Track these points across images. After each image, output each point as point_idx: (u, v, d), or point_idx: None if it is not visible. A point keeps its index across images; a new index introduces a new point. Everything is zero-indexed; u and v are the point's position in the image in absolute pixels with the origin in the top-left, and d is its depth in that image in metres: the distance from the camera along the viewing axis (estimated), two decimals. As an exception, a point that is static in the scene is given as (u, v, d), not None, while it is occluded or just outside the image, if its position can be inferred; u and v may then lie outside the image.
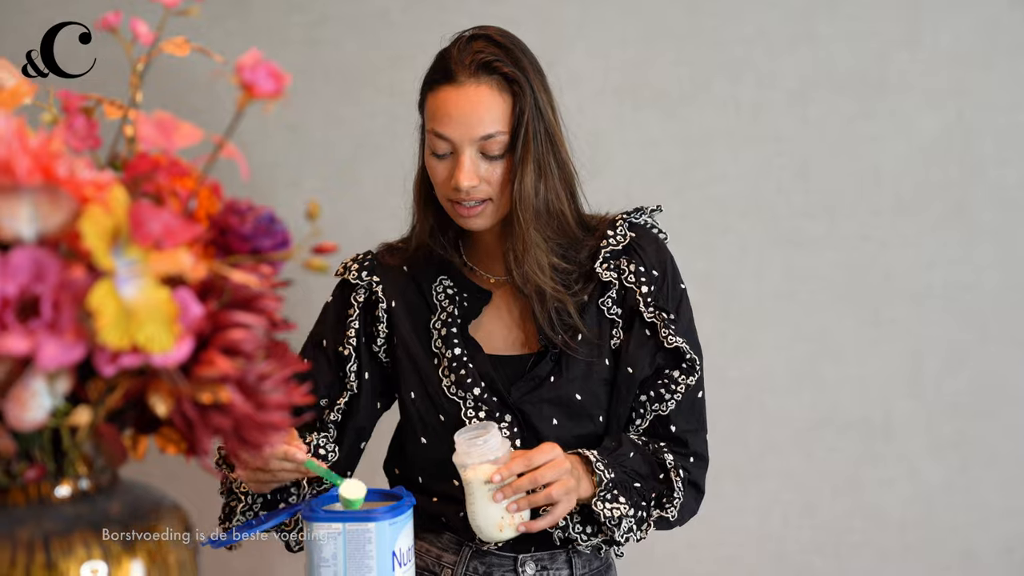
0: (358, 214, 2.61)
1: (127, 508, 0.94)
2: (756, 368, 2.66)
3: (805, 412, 2.66)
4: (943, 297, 2.62)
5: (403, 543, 1.54)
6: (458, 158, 1.79)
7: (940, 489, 2.65)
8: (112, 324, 0.84)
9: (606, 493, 1.75)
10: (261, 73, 0.89)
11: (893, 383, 2.64)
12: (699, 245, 2.65)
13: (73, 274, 0.84)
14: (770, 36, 2.62)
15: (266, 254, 0.97)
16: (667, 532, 2.63)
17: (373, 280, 1.94)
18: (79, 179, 0.88)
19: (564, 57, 2.65)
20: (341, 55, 2.69)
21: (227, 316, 0.93)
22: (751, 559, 2.68)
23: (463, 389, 1.86)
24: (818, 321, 2.65)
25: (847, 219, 2.63)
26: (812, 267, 2.64)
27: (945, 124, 2.59)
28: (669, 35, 2.63)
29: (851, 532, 2.66)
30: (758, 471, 2.68)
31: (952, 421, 2.64)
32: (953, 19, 2.58)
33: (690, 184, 2.65)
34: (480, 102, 1.78)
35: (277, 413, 0.95)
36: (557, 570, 1.89)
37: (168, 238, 0.88)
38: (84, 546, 0.89)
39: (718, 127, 2.63)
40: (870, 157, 2.62)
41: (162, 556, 0.94)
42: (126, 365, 0.86)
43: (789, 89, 2.62)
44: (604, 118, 2.65)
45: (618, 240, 1.90)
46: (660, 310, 1.87)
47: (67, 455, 0.93)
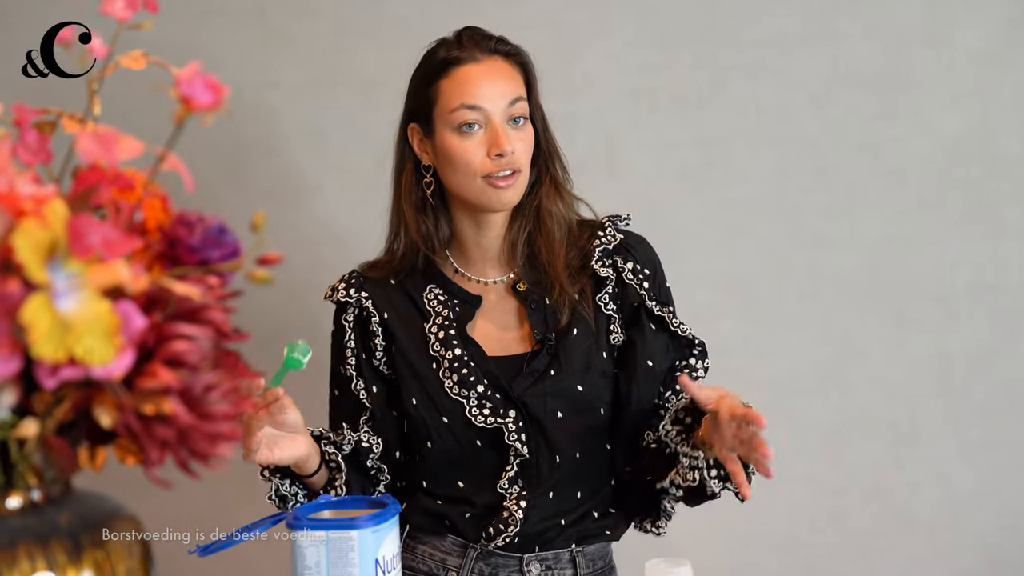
0: (379, 220, 2.62)
1: (76, 518, 0.95)
2: (780, 371, 2.63)
3: (831, 415, 2.63)
4: (968, 297, 2.58)
5: (387, 551, 1.54)
6: (493, 127, 1.87)
7: (969, 493, 2.61)
8: (46, 337, 0.84)
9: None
10: (199, 85, 0.89)
11: (920, 385, 2.61)
12: (720, 247, 2.63)
13: (7, 288, 0.85)
14: (788, 36, 2.59)
15: (214, 265, 0.97)
16: (691, 535, 2.63)
17: (362, 296, 1.96)
18: (17, 193, 0.88)
19: (580, 59, 2.64)
20: (360, 62, 2.69)
21: (171, 328, 0.93)
22: (777, 565, 2.65)
23: (466, 387, 1.87)
24: (842, 322, 2.62)
25: (870, 219, 2.60)
26: (835, 268, 2.61)
27: (969, 123, 2.56)
28: (686, 36, 2.61)
29: (879, 537, 2.63)
30: (784, 476, 2.63)
31: (980, 423, 2.60)
32: (976, 17, 2.55)
33: (709, 186, 2.63)
34: (502, 70, 1.90)
35: (224, 423, 0.95)
36: (561, 570, 1.90)
37: (108, 251, 0.88)
38: (28, 558, 0.90)
39: (737, 128, 2.61)
40: (893, 157, 2.58)
41: (111, 566, 0.94)
42: (66, 377, 0.87)
43: (809, 89, 2.59)
44: (621, 120, 2.64)
45: (609, 240, 1.94)
46: (662, 304, 1.94)
47: (16, 467, 0.94)
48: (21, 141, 0.99)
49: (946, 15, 2.56)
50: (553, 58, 2.65)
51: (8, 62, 2.57)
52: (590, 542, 1.93)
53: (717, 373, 2.62)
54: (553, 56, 2.66)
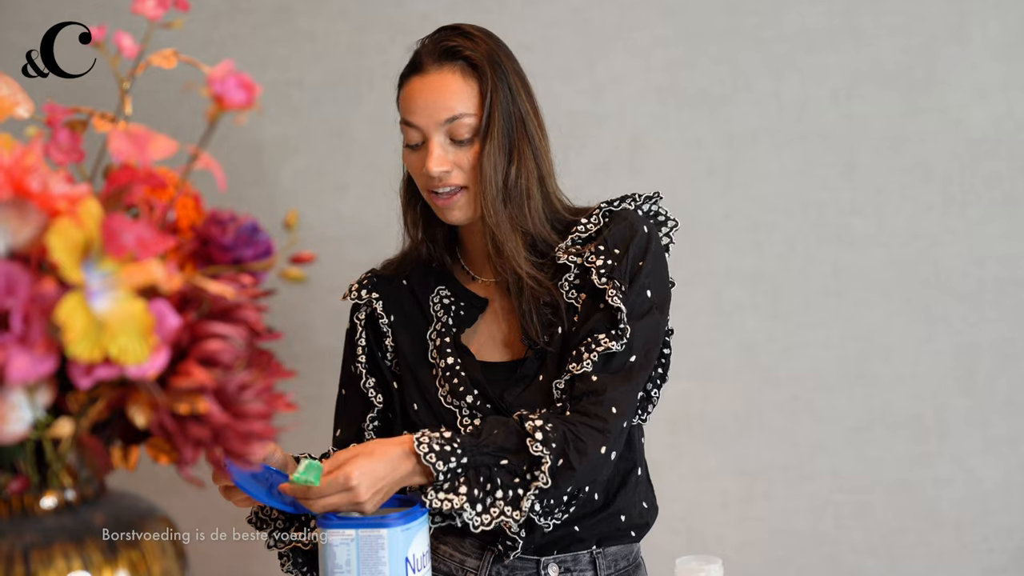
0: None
1: (111, 518, 0.95)
2: (805, 367, 2.63)
3: (856, 411, 2.63)
4: (995, 293, 2.57)
5: (417, 549, 1.54)
6: (428, 144, 1.81)
7: (995, 488, 2.60)
8: (81, 336, 0.84)
9: (444, 483, 1.66)
10: (231, 84, 0.89)
11: (945, 381, 2.60)
12: (745, 244, 2.62)
13: (43, 288, 0.85)
14: (812, 33, 2.58)
15: (247, 264, 0.97)
16: (717, 534, 2.62)
17: (373, 297, 1.96)
18: (51, 193, 0.88)
19: (605, 58, 2.64)
20: (384, 59, 2.69)
21: (205, 327, 0.93)
22: (802, 561, 2.65)
23: (457, 398, 1.86)
24: (868, 319, 2.61)
25: (896, 216, 2.59)
26: (861, 265, 2.60)
27: (994, 118, 2.55)
28: (710, 34, 2.61)
29: (905, 533, 2.62)
30: (809, 471, 2.64)
31: (1006, 419, 2.58)
32: (1001, 11, 2.54)
33: (735, 183, 2.62)
34: (444, 86, 1.81)
35: (258, 422, 0.95)
36: (581, 571, 1.87)
37: (142, 250, 0.88)
38: (64, 557, 0.90)
39: (762, 125, 2.61)
40: (918, 152, 2.57)
41: (146, 566, 0.94)
42: (101, 377, 0.87)
43: (833, 86, 2.58)
44: (646, 118, 2.63)
45: (587, 228, 1.85)
46: (612, 279, 1.79)
47: (50, 467, 0.94)
48: (53, 140, 0.99)
49: (970, 10, 2.54)
50: (577, 56, 2.66)
51: (8, 62, 2.58)
52: (610, 543, 1.90)
53: (743, 369, 2.63)
54: (577, 54, 2.66)
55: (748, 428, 2.65)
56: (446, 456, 1.65)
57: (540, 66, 1.91)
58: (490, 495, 1.67)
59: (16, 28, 2.77)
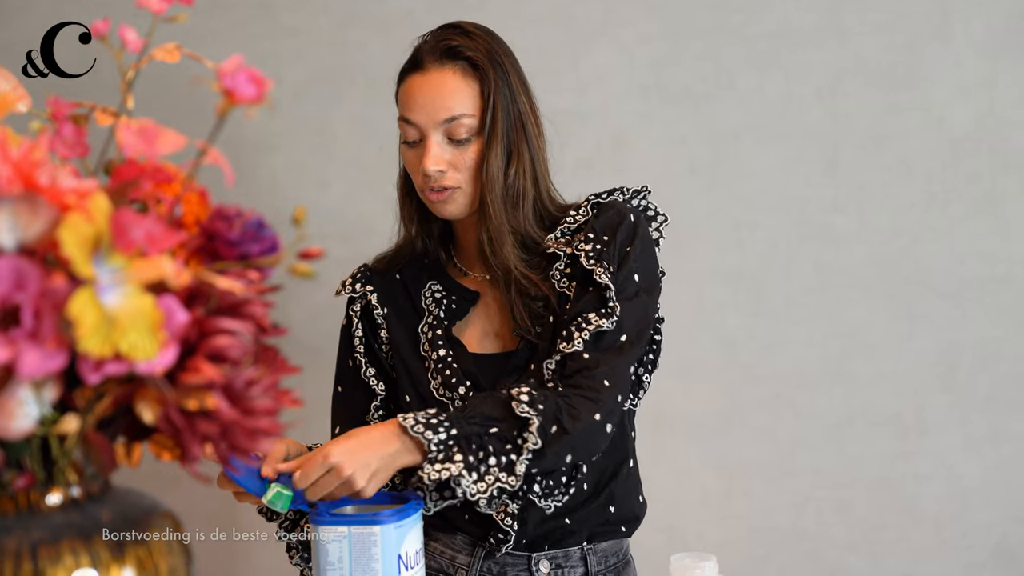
0: (386, 215, 2.62)
1: (118, 515, 0.94)
2: (787, 364, 2.64)
3: (837, 408, 2.64)
4: (976, 290, 2.58)
5: (410, 546, 1.54)
6: (426, 142, 1.82)
7: (975, 485, 2.61)
8: (92, 332, 0.84)
9: (438, 454, 1.66)
10: (242, 79, 0.88)
11: (926, 378, 2.61)
12: (728, 242, 2.63)
13: (53, 283, 0.84)
14: (796, 30, 2.59)
15: (254, 260, 0.97)
16: (699, 531, 2.63)
17: (367, 290, 1.97)
18: (61, 187, 0.88)
19: (588, 54, 2.64)
20: (366, 56, 2.69)
21: (213, 322, 0.92)
22: (784, 557, 2.66)
23: (449, 389, 1.86)
24: (849, 317, 2.62)
25: (878, 213, 2.60)
26: (843, 262, 2.61)
27: (977, 116, 2.56)
28: (694, 31, 2.61)
29: (886, 529, 2.63)
30: (790, 468, 2.65)
31: (987, 416, 2.60)
32: (984, 9, 2.55)
33: (718, 181, 2.63)
34: (444, 85, 1.81)
35: (265, 418, 0.94)
36: (572, 568, 1.87)
37: (151, 245, 0.88)
38: (72, 554, 0.89)
39: (745, 123, 2.61)
40: (900, 150, 2.59)
41: (153, 563, 0.94)
42: (110, 373, 0.86)
43: (817, 83, 2.59)
44: (629, 115, 2.64)
45: (575, 219, 1.86)
46: (600, 261, 1.79)
47: (56, 463, 0.93)
48: (58, 135, 0.99)
49: (953, 8, 2.56)
50: (561, 53, 2.66)
51: (8, 62, 2.56)
52: (601, 539, 1.90)
53: (725, 367, 2.64)
54: (561, 51, 2.66)
55: (730, 425, 2.65)
56: (434, 428, 1.65)
57: (523, 63, 1.90)
58: (483, 462, 1.66)
59: (16, 28, 2.75)
